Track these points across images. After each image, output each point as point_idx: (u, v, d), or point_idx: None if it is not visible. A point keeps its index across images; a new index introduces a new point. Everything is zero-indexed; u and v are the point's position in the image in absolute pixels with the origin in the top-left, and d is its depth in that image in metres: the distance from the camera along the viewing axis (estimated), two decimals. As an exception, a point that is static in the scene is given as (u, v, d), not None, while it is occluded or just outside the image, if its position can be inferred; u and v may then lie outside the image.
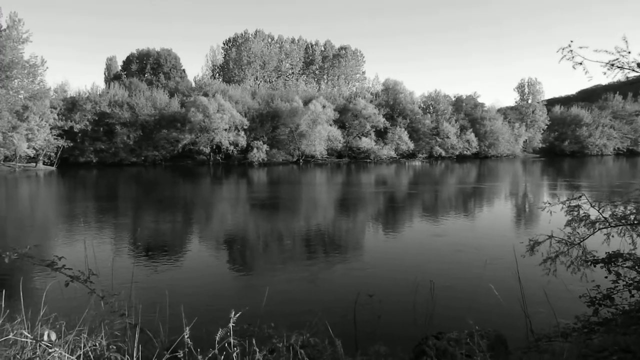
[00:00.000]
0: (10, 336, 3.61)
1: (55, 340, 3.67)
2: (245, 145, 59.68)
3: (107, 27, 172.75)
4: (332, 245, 13.77)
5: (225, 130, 57.93)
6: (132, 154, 57.44)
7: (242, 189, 33.27)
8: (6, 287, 4.35)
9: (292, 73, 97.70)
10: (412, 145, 70.86)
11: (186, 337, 3.59)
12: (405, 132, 70.72)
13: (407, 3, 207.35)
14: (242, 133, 59.46)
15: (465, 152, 76.33)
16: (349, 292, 7.82)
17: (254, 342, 3.53)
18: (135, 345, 3.78)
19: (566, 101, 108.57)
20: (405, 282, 8.83)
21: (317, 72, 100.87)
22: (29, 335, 3.61)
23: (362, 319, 6.73)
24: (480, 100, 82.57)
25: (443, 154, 73.87)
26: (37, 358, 3.58)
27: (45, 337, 3.64)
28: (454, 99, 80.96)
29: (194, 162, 60.04)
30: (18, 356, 3.58)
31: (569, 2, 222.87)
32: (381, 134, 70.01)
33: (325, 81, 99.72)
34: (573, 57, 5.47)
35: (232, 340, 3.35)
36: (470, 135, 76.07)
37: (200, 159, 60.27)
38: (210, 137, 57.47)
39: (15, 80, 51.35)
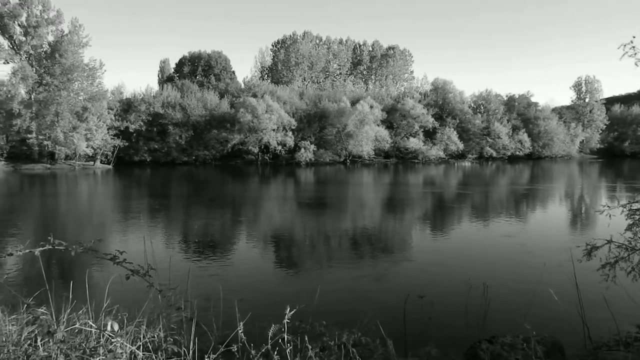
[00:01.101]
0: (76, 325, 3.81)
1: (118, 330, 3.84)
2: (292, 145, 60.25)
3: (161, 29, 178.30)
4: (380, 245, 13.71)
5: (274, 130, 58.70)
6: (184, 154, 59.12)
7: (289, 188, 33.61)
8: (73, 279, 4.59)
9: (340, 74, 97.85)
10: (461, 146, 69.35)
11: (240, 332, 3.68)
12: (455, 132, 69.32)
13: (459, 3, 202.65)
14: (290, 133, 60.05)
15: (517, 153, 74.01)
16: (399, 293, 7.77)
17: (306, 339, 3.57)
18: (192, 338, 3.91)
19: (627, 100, 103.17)
20: (457, 284, 8.67)
21: (364, 72, 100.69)
22: (93, 325, 3.80)
23: (412, 320, 6.66)
24: (533, 99, 79.96)
25: (494, 154, 71.97)
26: (101, 347, 3.76)
27: (109, 328, 3.82)
28: (505, 99, 78.70)
29: (243, 161, 61.15)
30: (83, 344, 3.78)
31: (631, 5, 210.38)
32: (430, 134, 68.98)
33: (373, 81, 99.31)
34: (635, 54, 5.24)
35: (286, 337, 3.41)
36: (523, 136, 73.75)
37: (249, 159, 61.31)
38: (258, 137, 58.38)
39: (76, 83, 53.98)
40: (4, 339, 3.91)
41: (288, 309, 3.44)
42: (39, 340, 3.71)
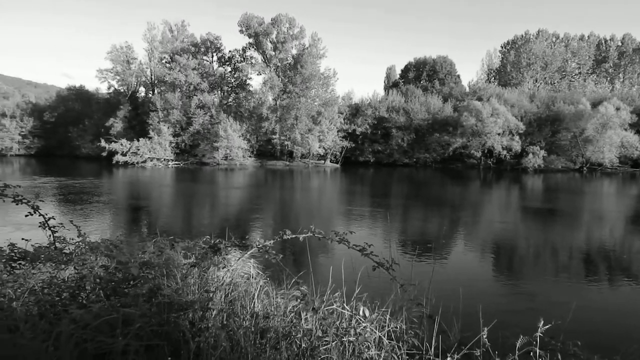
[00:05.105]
0: (333, 306, 4.27)
1: (368, 316, 4.17)
2: (519, 150, 56.35)
3: (389, 38, 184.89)
4: (631, 265, 11.94)
5: (499, 134, 55.81)
6: (405, 156, 60.49)
7: (515, 194, 31.66)
8: (333, 265, 5.14)
9: (579, 73, 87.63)
10: None
11: (484, 337, 3.64)
12: None
13: None
14: (517, 137, 56.28)
15: None
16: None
17: (559, 357, 3.35)
18: (433, 335, 4.01)
19: None
20: None
21: (610, 70, 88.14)
22: (347, 308, 4.21)
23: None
24: None
25: None
26: (352, 329, 4.12)
27: (360, 312, 4.17)
28: None
29: (464, 165, 59.69)
30: (337, 323, 4.20)
31: None
32: (698, 141, 56.70)
33: (621, 80, 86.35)
34: None
35: (538, 351, 3.26)
36: None
37: (470, 163, 59.56)
38: (482, 141, 56.21)
39: (313, 90, 59.84)
40: (273, 309, 4.57)
41: (542, 322, 3.27)
42: (302, 314, 4.26)
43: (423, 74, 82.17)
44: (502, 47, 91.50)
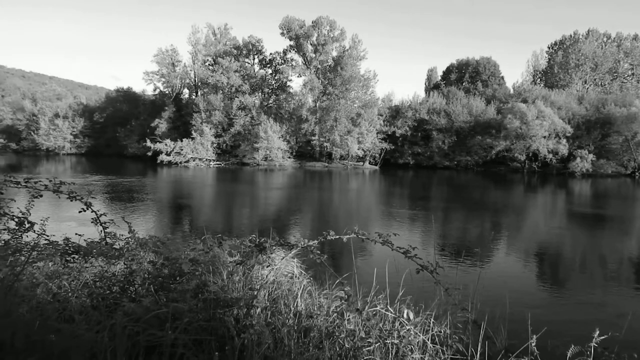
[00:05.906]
0: (377, 308, 4.25)
1: (412, 319, 4.12)
2: (566, 154, 54.48)
3: (431, 41, 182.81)
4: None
5: (544, 137, 54.14)
6: (446, 158, 59.57)
7: (561, 199, 30.67)
8: (377, 267, 5.14)
9: (632, 74, 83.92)
10: None
11: (533, 344, 3.55)
12: None
13: None
14: (564, 141, 54.42)
15: None
16: None
17: (612, 369, 3.22)
18: (479, 341, 3.94)
19: None
20: None
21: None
22: (391, 310, 4.18)
23: None
24: None
25: None
26: (396, 331, 4.09)
27: (405, 315, 4.14)
28: None
29: (507, 169, 58.17)
30: (380, 325, 4.18)
31: None
32: None
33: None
34: None
35: (591, 361, 3.15)
36: None
37: (514, 166, 58.00)
38: (526, 144, 54.68)
39: (352, 92, 59.78)
40: (315, 308, 4.59)
41: (597, 332, 3.15)
42: (345, 314, 4.26)
43: (465, 75, 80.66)
44: (549, 47, 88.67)
